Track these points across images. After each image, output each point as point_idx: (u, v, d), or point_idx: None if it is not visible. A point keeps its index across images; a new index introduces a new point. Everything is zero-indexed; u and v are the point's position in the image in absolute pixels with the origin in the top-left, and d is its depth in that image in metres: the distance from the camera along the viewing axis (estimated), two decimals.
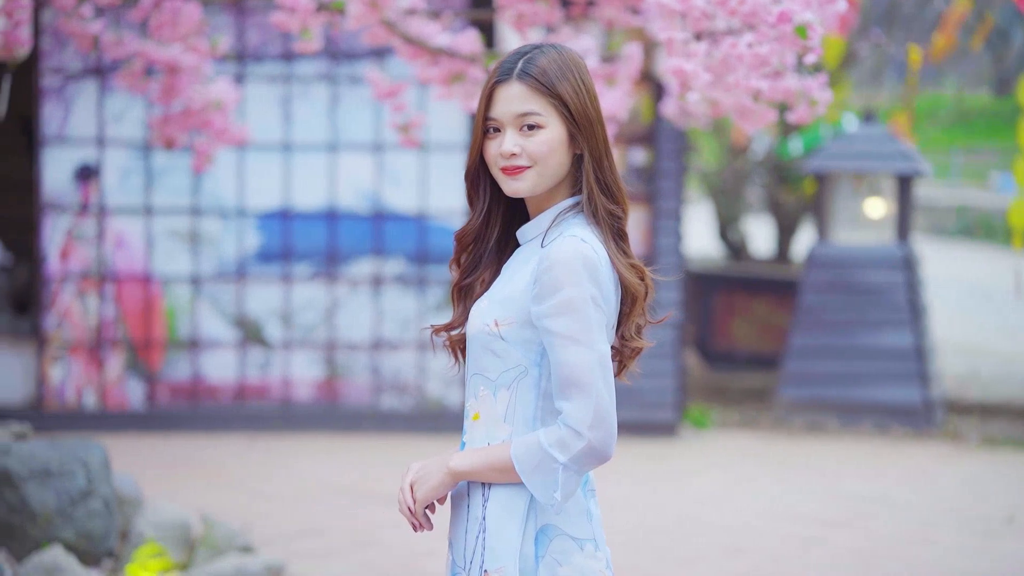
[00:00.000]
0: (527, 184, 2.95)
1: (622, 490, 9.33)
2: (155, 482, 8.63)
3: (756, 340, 14.72)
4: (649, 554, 7.63)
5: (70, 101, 10.78)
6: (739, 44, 4.55)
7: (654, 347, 10.62)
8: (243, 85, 10.84)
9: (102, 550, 6.51)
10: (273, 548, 7.29)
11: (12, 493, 6.42)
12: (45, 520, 6.40)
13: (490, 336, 2.93)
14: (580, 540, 2.93)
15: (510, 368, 2.93)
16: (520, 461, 2.86)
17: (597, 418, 2.83)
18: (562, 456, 2.83)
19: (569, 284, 2.84)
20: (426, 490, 2.96)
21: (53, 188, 10.79)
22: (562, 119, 2.92)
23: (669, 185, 11.33)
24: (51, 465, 6.49)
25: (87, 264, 10.85)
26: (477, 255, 3.09)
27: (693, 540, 8.00)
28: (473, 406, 3.00)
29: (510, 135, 2.93)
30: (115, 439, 10.16)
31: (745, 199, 17.94)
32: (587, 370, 2.83)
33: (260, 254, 11.04)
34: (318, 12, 6.23)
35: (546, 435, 2.85)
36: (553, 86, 2.91)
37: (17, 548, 6.43)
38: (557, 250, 2.86)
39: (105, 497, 6.57)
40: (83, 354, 10.87)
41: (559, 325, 2.84)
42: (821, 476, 10.04)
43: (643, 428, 11.25)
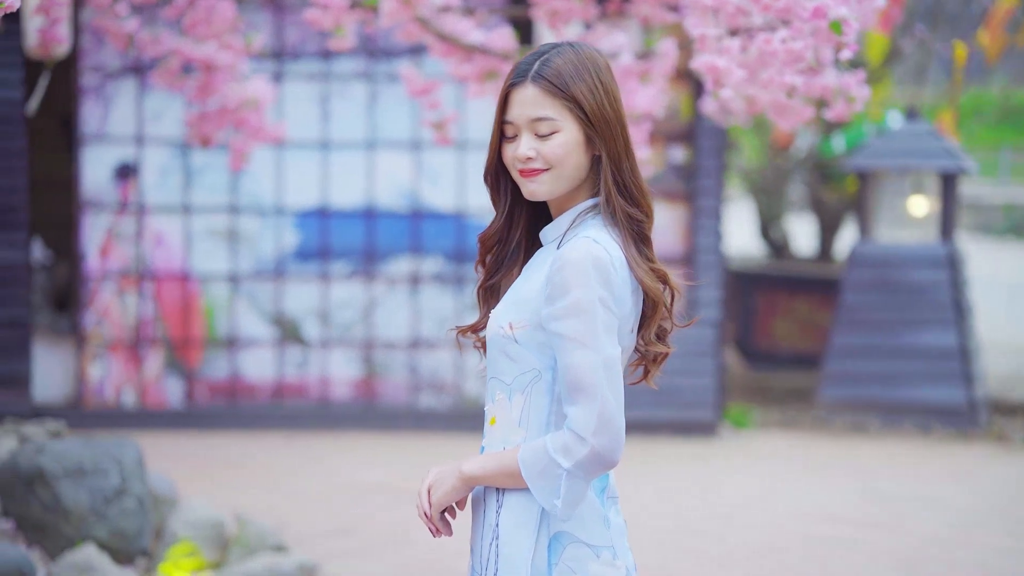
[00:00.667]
0: (544, 187, 2.91)
1: (659, 490, 9.27)
2: (192, 480, 8.63)
3: (798, 339, 14.61)
4: (684, 554, 7.57)
5: (109, 99, 10.81)
6: (773, 40, 4.49)
7: (693, 346, 10.60)
8: (281, 83, 10.83)
9: (136, 549, 6.51)
10: (307, 547, 7.26)
11: (46, 491, 6.42)
12: (78, 518, 6.40)
13: (504, 339, 2.89)
14: (596, 548, 2.88)
15: (524, 372, 2.89)
16: (527, 466, 2.81)
17: (601, 423, 2.77)
18: (566, 462, 2.78)
19: (577, 286, 2.79)
20: (440, 495, 2.92)
21: (92, 186, 10.82)
22: (578, 121, 2.87)
23: (709, 183, 11.25)
24: (85, 464, 6.49)
25: (126, 262, 10.87)
26: (501, 256, 3.05)
27: (729, 540, 7.93)
28: (491, 410, 2.95)
29: (526, 139, 2.89)
30: (154, 437, 10.18)
31: (787, 197, 17.81)
32: (592, 374, 2.78)
33: (298, 252, 11.03)
34: (351, 9, 6.20)
35: (552, 440, 2.80)
36: (567, 88, 2.86)
37: (51, 546, 6.43)
38: (568, 251, 2.82)
39: (139, 496, 6.56)
40: (122, 352, 10.89)
41: (566, 328, 2.80)
42: (862, 477, 9.94)
43: (682, 428, 11.18)
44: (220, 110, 7.44)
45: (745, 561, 7.51)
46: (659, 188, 11.29)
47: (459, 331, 3.08)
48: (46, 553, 6.45)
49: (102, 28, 7.47)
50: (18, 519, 6.52)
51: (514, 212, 3.03)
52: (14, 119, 10.50)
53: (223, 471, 9.44)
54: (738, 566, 7.42)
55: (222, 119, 7.50)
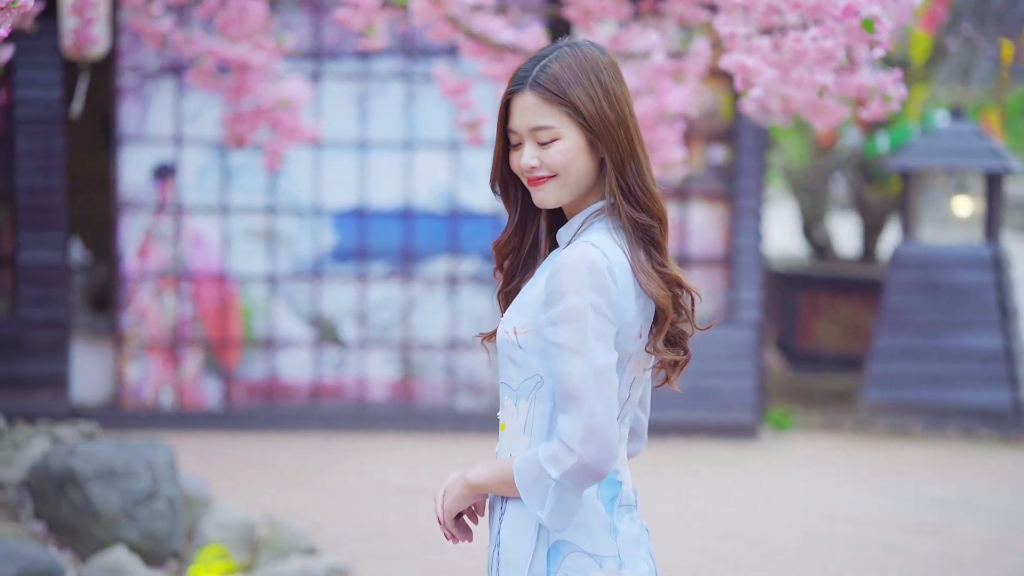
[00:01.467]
0: (551, 195, 2.85)
1: (696, 493, 9.19)
2: (227, 482, 8.61)
3: (840, 341, 14.47)
4: (719, 559, 7.49)
5: (148, 100, 10.81)
6: (803, 38, 4.40)
7: (733, 348, 10.50)
8: (319, 83, 10.81)
9: (166, 551, 6.48)
10: (340, 549, 7.23)
11: (77, 493, 6.41)
12: (109, 520, 6.38)
13: (510, 344, 2.84)
14: (599, 557, 2.81)
15: (528, 377, 2.83)
16: (520, 475, 2.76)
17: (588, 433, 2.69)
18: (555, 472, 2.71)
19: (571, 291, 2.72)
20: (449, 501, 2.89)
21: (131, 187, 10.83)
22: (578, 126, 2.80)
23: (749, 183, 11.15)
24: (116, 465, 6.47)
25: (164, 263, 10.87)
26: (517, 261, 2.99)
27: (767, 545, 7.84)
28: (501, 416, 2.91)
29: (528, 148, 2.83)
30: (191, 438, 10.19)
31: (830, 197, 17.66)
32: (580, 382, 2.70)
33: (336, 253, 11.00)
34: (382, 8, 6.16)
35: (544, 450, 2.74)
36: (565, 94, 2.79)
37: (82, 548, 6.42)
38: (565, 256, 2.76)
39: (170, 497, 6.53)
40: (160, 353, 10.89)
41: (558, 334, 2.73)
42: (904, 480, 9.82)
43: (722, 430, 11.09)
44: (254, 110, 7.42)
45: (781, 566, 7.42)
46: (699, 188, 11.21)
47: (483, 337, 3.02)
48: (77, 555, 6.43)
49: (136, 28, 7.46)
50: (50, 521, 6.51)
51: (526, 218, 2.97)
52: (52, 119, 10.53)
53: (258, 472, 9.42)
54: (773, 571, 7.33)
55: (256, 119, 7.48)
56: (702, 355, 10.97)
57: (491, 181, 2.96)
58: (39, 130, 10.51)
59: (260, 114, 7.46)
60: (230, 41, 7.09)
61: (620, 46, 6.22)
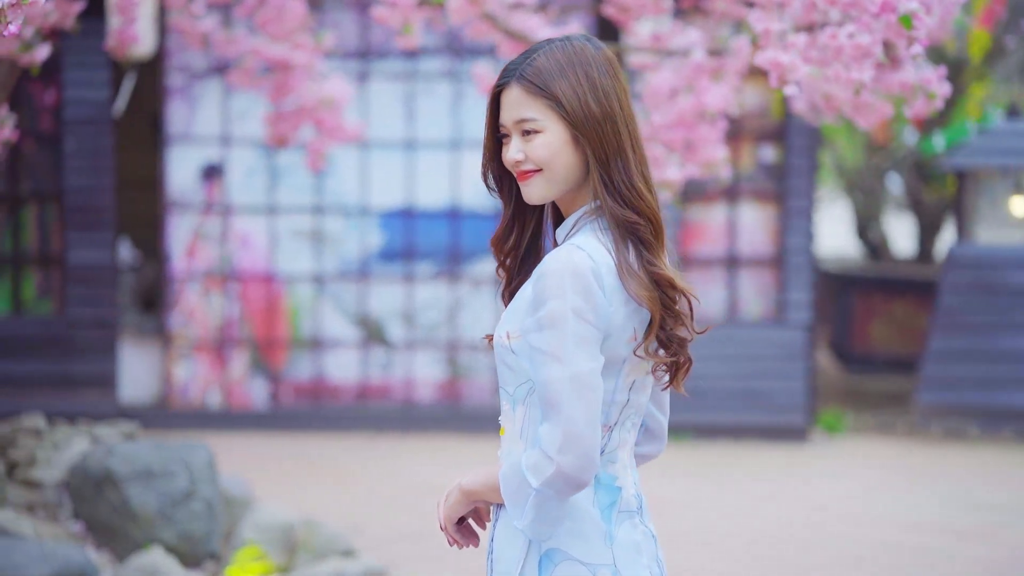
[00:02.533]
0: (536, 190, 2.79)
1: (744, 496, 9.08)
2: (271, 482, 8.60)
3: (896, 342, 14.30)
4: (765, 563, 7.38)
5: (195, 100, 10.82)
6: (839, 35, 4.31)
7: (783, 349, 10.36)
8: (366, 83, 10.78)
9: (203, 552, 6.46)
10: (380, 551, 7.18)
11: (115, 493, 6.40)
12: (146, 521, 6.36)
13: (504, 349, 2.78)
14: (593, 566, 2.74)
15: (523, 382, 2.76)
16: (505, 483, 2.71)
17: (566, 441, 2.62)
18: (535, 480, 2.65)
19: (552, 296, 2.66)
20: (446, 508, 2.85)
21: (179, 187, 10.84)
22: (561, 120, 2.75)
23: (800, 183, 11.03)
24: (153, 466, 6.46)
25: (212, 263, 10.88)
26: (516, 258, 2.93)
27: (814, 550, 7.73)
28: (501, 420, 2.86)
29: (514, 142, 2.79)
30: (238, 439, 10.20)
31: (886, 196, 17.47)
32: (558, 389, 2.64)
33: (383, 253, 10.97)
34: (419, 7, 6.11)
35: (526, 458, 2.68)
36: (548, 86, 2.74)
37: (119, 549, 6.41)
38: (549, 260, 2.69)
39: (207, 498, 6.51)
40: (208, 353, 10.90)
41: (540, 340, 2.67)
42: (956, 484, 9.67)
43: (772, 432, 10.98)
44: (297, 110, 7.39)
45: (828, 571, 7.31)
46: (749, 188, 11.10)
47: (489, 339, 2.97)
48: (115, 555, 6.43)
49: (178, 28, 7.46)
50: (88, 521, 6.51)
51: (524, 213, 2.90)
52: (101, 119, 10.55)
53: (303, 473, 9.40)
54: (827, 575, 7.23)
55: (299, 119, 7.45)
56: (751, 356, 10.96)
57: (482, 174, 2.91)
58: (88, 130, 10.54)
59: (302, 113, 7.43)
60: (272, 40, 7.06)
61: (661, 44, 6.14)
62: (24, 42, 5.75)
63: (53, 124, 10.67)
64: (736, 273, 11.13)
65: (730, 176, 6.39)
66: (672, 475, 9.60)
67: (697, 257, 11.11)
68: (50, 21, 5.82)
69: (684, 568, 7.23)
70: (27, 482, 6.78)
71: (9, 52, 5.75)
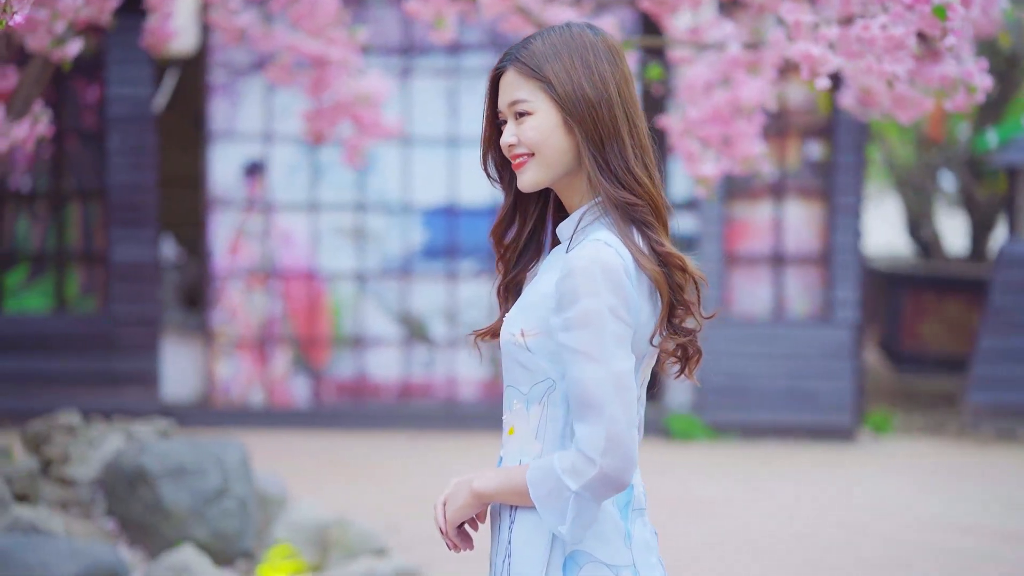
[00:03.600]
0: (529, 175, 2.74)
1: (787, 497, 8.96)
2: (309, 481, 8.56)
3: (947, 342, 14.11)
4: (810, 565, 7.27)
5: (238, 96, 10.80)
6: (872, 26, 4.19)
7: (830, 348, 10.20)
8: (409, 79, 10.73)
9: (236, 550, 6.42)
10: (413, 551, 7.12)
11: (147, 491, 6.37)
12: (178, 519, 6.33)
13: (517, 347, 2.71)
14: (616, 567, 2.68)
15: (539, 381, 2.70)
16: (535, 486, 2.63)
17: (610, 443, 2.57)
18: (574, 483, 2.59)
19: (586, 294, 2.59)
20: (452, 510, 2.76)
21: (221, 184, 10.83)
22: (553, 102, 2.71)
23: (847, 180, 10.89)
24: (186, 464, 6.42)
25: (254, 260, 10.86)
26: (516, 252, 2.87)
27: (856, 551, 7.60)
28: (508, 419, 2.77)
29: (509, 126, 2.75)
30: (280, 436, 10.17)
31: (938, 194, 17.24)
32: (600, 390, 2.59)
33: (425, 251, 10.91)
34: (453, 1, 6.04)
35: (560, 460, 2.61)
36: (540, 68, 2.71)
37: (152, 546, 6.38)
38: (577, 257, 2.62)
39: (240, 496, 6.47)
40: (250, 351, 10.88)
41: (574, 339, 2.60)
42: (1005, 486, 9.51)
43: (818, 432, 10.85)
44: (334, 106, 7.35)
45: (873, 573, 7.18)
46: (795, 184, 10.98)
47: (476, 336, 2.90)
48: (148, 553, 6.40)
49: (215, 24, 7.43)
50: (121, 519, 6.48)
51: (526, 205, 2.86)
52: (144, 116, 10.55)
53: (342, 471, 9.35)
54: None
55: (336, 115, 7.40)
56: (798, 355, 10.83)
57: (481, 162, 2.86)
58: (131, 127, 10.54)
59: (340, 110, 7.38)
60: (309, 36, 7.02)
61: (698, 37, 6.05)
62: (56, 37, 5.71)
63: (96, 121, 10.67)
64: (782, 271, 11.00)
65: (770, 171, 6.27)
66: (716, 475, 9.50)
67: (742, 255, 10.99)
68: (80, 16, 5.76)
69: (726, 570, 7.13)
70: (61, 479, 6.76)
71: (41, 47, 5.71)
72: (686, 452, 10.46)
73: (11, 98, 5.92)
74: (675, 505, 8.56)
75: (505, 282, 2.87)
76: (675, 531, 7.78)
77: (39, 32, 5.69)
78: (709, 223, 10.87)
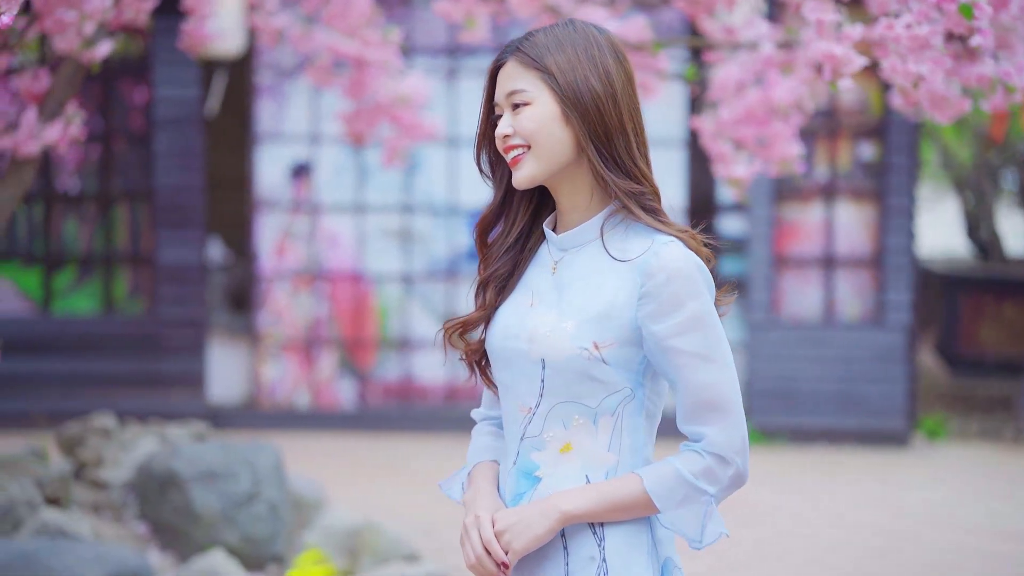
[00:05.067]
0: (525, 171, 2.67)
1: (836, 502, 8.82)
2: (349, 483, 8.52)
3: (1005, 345, 13.87)
4: (856, 572, 7.14)
5: (284, 98, 10.78)
6: (896, 25, 4.07)
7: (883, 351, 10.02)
8: (455, 80, 10.67)
9: (266, 555, 6.38)
10: (446, 556, 7.06)
11: (178, 495, 6.35)
12: (208, 523, 6.30)
13: (590, 361, 2.62)
14: (680, 570, 2.72)
15: (613, 393, 2.64)
16: (662, 497, 2.59)
17: (744, 443, 2.60)
18: (712, 487, 2.59)
19: (689, 297, 2.59)
20: (528, 540, 2.62)
21: (267, 185, 10.81)
22: (553, 94, 2.65)
23: (900, 181, 10.72)
24: (216, 467, 6.39)
25: (300, 262, 10.84)
26: (501, 248, 2.79)
27: (908, 559, 7.46)
28: (561, 435, 2.67)
29: (505, 117, 2.69)
30: (326, 439, 10.15)
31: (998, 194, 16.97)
32: (725, 390, 2.60)
33: (472, 253, 10.84)
34: (483, 1, 5.97)
35: (687, 465, 2.60)
36: (541, 58, 2.65)
37: (184, 550, 6.36)
38: (669, 260, 2.60)
39: (271, 501, 6.43)
40: (296, 353, 10.86)
41: (688, 343, 2.59)
42: None
43: (870, 437, 10.69)
44: (373, 107, 7.29)
45: None
46: (847, 186, 10.83)
47: (449, 328, 2.85)
48: (179, 557, 6.37)
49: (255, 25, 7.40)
50: (153, 522, 6.47)
51: (516, 206, 2.79)
52: (191, 118, 10.55)
53: (383, 474, 9.31)
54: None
55: (376, 116, 7.35)
56: (849, 359, 10.68)
57: (475, 157, 2.80)
58: (178, 129, 10.55)
59: (379, 111, 7.32)
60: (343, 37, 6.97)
61: (732, 36, 5.94)
62: (85, 39, 5.68)
63: (144, 123, 10.69)
64: (833, 273, 10.84)
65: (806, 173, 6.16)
66: (764, 480, 9.38)
67: (792, 257, 10.85)
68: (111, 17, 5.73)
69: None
70: (94, 482, 6.76)
71: (70, 49, 5.69)
72: None
73: (44, 100, 5.90)
74: (722, 510, 8.45)
75: (485, 279, 2.79)
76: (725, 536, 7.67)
77: (68, 33, 5.67)
78: (758, 225, 10.73)
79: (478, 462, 2.84)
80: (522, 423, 2.70)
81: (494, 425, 2.91)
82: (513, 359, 2.71)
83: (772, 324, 10.73)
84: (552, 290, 2.70)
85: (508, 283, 2.78)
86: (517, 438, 2.71)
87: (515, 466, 2.71)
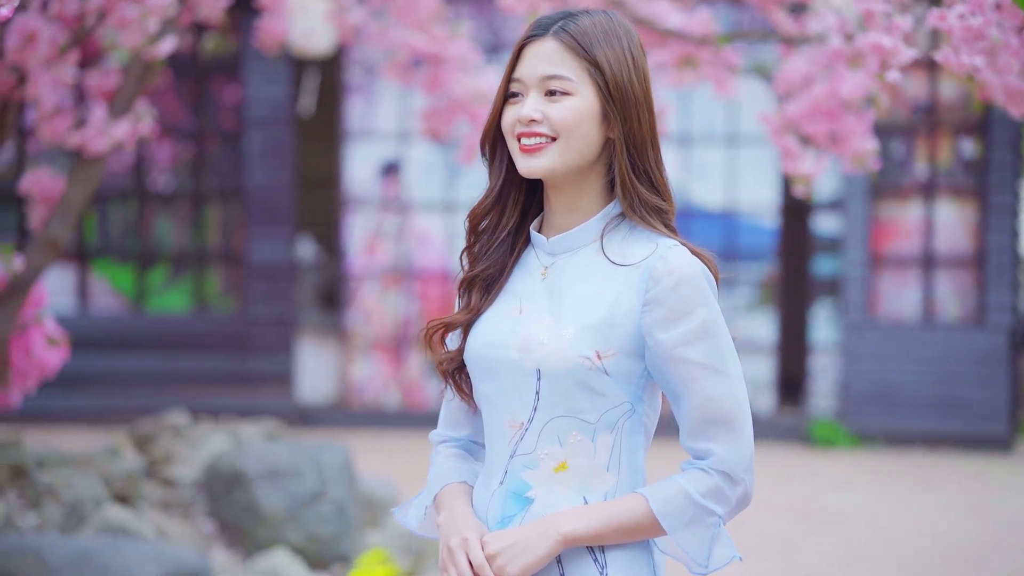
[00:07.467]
0: (545, 162, 2.44)
1: (934, 509, 8.58)
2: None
3: None
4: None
5: (375, 96, 10.76)
6: (948, 16, 3.89)
7: (984, 354, 9.75)
8: None
9: (331, 555, 6.33)
10: None
11: (244, 493, 6.32)
12: (273, 521, 6.27)
13: (591, 371, 2.41)
14: None
15: (614, 407, 2.43)
16: (668, 518, 2.40)
17: (751, 460, 2.44)
18: (720, 508, 2.41)
19: (698, 304, 2.40)
20: (526, 563, 2.39)
21: (357, 184, 10.80)
22: (596, 89, 2.42)
23: (1002, 178, 10.44)
24: (282, 466, 6.36)
25: (389, 260, 10.81)
26: (489, 246, 2.56)
27: (990, 566, 7.22)
28: (554, 454, 2.45)
29: (533, 97, 2.44)
30: (414, 438, 10.10)
31: None
32: (734, 404, 2.41)
33: None
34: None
35: (693, 485, 2.40)
36: (591, 48, 2.41)
37: (250, 548, 6.33)
38: (677, 265, 2.40)
39: (337, 500, 6.38)
40: (385, 352, 10.83)
41: (697, 353, 2.40)
42: None
43: (970, 442, 10.41)
44: (450, 104, 7.23)
45: None
46: (947, 183, 10.56)
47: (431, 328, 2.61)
48: (245, 555, 6.35)
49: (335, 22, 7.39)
50: (220, 520, 6.45)
51: (511, 193, 2.55)
52: (282, 117, 10.57)
53: None
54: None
55: (452, 113, 7.28)
56: (948, 361, 10.41)
57: (482, 139, 2.56)
58: (269, 128, 10.58)
59: (456, 107, 7.25)
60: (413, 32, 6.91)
61: (802, 29, 5.78)
62: (148, 36, 5.66)
63: (235, 122, 10.73)
64: (932, 273, 10.58)
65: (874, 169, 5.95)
66: (858, 485, 9.17)
67: (890, 256, 10.60)
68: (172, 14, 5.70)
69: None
70: (164, 480, 6.76)
71: (134, 46, 5.67)
72: (827, 460, 10.12)
73: (114, 97, 5.89)
74: (810, 515, 8.27)
75: (470, 278, 2.57)
76: (808, 543, 7.51)
77: (131, 30, 5.64)
78: (854, 223, 10.50)
79: (446, 483, 2.58)
80: (511, 440, 2.47)
81: (457, 447, 2.67)
82: (500, 370, 2.47)
83: (868, 325, 10.49)
84: (543, 296, 2.48)
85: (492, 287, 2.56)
86: (505, 456, 2.48)
87: (502, 486, 2.48)
